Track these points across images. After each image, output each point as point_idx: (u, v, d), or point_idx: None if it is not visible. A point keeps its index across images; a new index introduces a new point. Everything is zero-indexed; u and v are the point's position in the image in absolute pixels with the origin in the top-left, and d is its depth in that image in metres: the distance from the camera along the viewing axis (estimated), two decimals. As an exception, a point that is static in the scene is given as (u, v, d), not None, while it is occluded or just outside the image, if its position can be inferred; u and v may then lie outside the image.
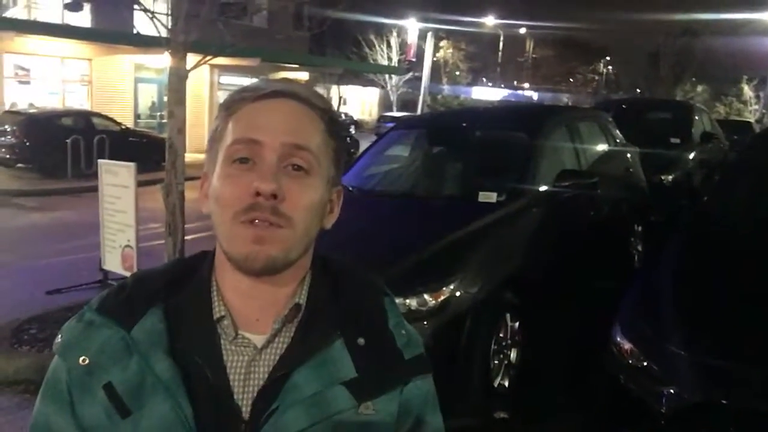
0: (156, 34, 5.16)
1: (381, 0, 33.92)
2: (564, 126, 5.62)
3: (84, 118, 15.31)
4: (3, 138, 13.86)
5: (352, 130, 29.41)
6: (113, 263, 5.79)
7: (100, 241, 5.88)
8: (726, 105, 44.83)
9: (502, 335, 3.97)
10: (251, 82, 0.91)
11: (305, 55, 26.03)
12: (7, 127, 13.84)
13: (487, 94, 50.05)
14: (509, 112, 8.69)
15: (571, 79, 62.63)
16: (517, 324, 4.12)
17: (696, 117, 10.69)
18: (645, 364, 2.84)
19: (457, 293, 3.56)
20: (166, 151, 5.03)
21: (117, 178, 5.77)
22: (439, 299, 3.49)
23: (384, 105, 41.81)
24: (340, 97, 33.81)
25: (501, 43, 56.30)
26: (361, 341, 0.89)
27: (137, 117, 21.51)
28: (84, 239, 7.58)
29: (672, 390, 2.69)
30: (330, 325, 0.89)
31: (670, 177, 8.48)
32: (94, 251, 6.18)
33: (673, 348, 2.79)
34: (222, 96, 20.42)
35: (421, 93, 29.83)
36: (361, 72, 35.26)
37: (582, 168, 5.38)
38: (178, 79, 4.97)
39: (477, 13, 44.75)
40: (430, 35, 30.18)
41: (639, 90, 42.73)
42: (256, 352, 0.87)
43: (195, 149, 12.34)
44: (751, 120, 30.55)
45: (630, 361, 2.92)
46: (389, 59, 36.66)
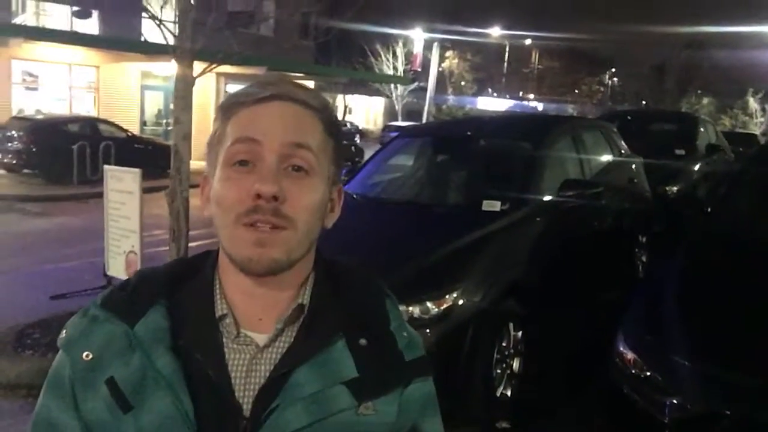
0: (163, 41, 5.20)
1: (387, 10, 34.08)
2: (568, 136, 5.62)
3: (90, 124, 15.37)
4: (10, 144, 13.93)
5: (357, 139, 29.48)
6: (117, 269, 5.80)
7: (104, 247, 5.90)
8: (731, 117, 44.78)
9: (504, 344, 3.96)
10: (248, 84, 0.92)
11: (311, 65, 26.13)
12: (14, 133, 13.90)
13: (493, 104, 50.11)
14: (513, 121, 8.70)
15: (577, 91, 62.71)
16: (520, 333, 4.10)
17: (701, 129, 10.67)
18: (648, 374, 2.83)
19: (460, 302, 3.55)
20: (171, 158, 5.05)
21: (122, 183, 5.79)
22: (442, 307, 3.48)
23: (389, 115, 41.95)
24: (345, 107, 33.96)
25: (506, 54, 56.46)
26: (363, 342, 0.90)
27: (143, 124, 21.60)
28: (88, 245, 7.60)
29: (675, 400, 2.68)
30: (332, 326, 0.90)
31: (674, 188, 8.46)
32: (98, 257, 6.19)
33: (677, 358, 2.79)
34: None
35: (426, 103, 29.96)
36: (367, 81, 35.39)
37: (586, 178, 5.38)
38: (184, 86, 5.00)
39: (483, 24, 44.90)
40: (435, 45, 30.36)
41: (644, 102, 42.79)
42: (257, 350, 0.88)
43: (200, 156, 12.25)
44: (757, 132, 30.51)
45: (633, 371, 2.91)
46: (395, 69, 36.81)
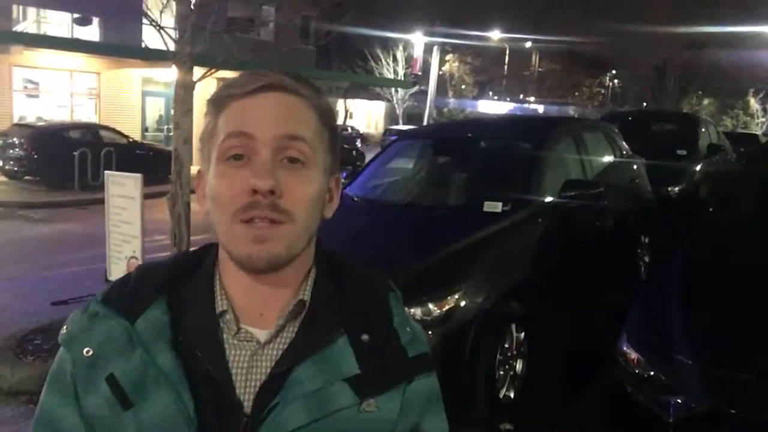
0: (164, 47, 5.20)
1: (387, 14, 34.17)
2: (569, 136, 5.61)
3: (91, 131, 15.40)
4: (11, 150, 13.97)
5: (358, 143, 29.49)
6: (119, 274, 5.77)
7: (105, 253, 5.89)
8: (732, 118, 44.79)
9: (507, 346, 3.94)
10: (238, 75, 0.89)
11: (312, 69, 26.17)
12: (16, 140, 13.95)
13: (493, 107, 50.11)
14: (514, 122, 8.69)
15: (577, 93, 62.74)
16: (523, 334, 4.09)
17: (702, 129, 10.67)
18: (652, 373, 2.83)
19: (462, 303, 3.54)
20: (172, 162, 5.06)
21: (123, 189, 5.78)
22: (444, 309, 3.47)
23: (390, 118, 41.98)
24: (346, 111, 33.95)
25: (507, 57, 56.51)
26: (365, 338, 0.88)
27: (144, 130, 21.65)
28: (90, 251, 7.60)
29: (679, 399, 2.67)
30: (334, 322, 0.88)
31: (676, 188, 8.46)
32: (99, 263, 6.18)
33: (680, 357, 2.78)
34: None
35: (427, 106, 30.00)
36: (368, 85, 35.43)
37: (588, 178, 5.37)
38: (184, 90, 5.01)
39: (483, 27, 45.01)
40: (436, 49, 30.39)
41: (645, 103, 42.79)
42: (258, 347, 0.87)
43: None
44: (758, 133, 30.49)
45: (637, 371, 2.90)
46: (395, 73, 36.84)
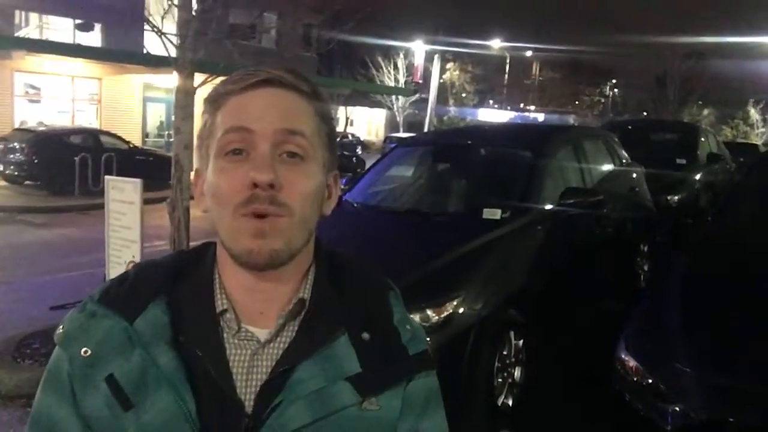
0: (165, 53, 5.22)
1: (388, 23, 34.27)
2: (569, 144, 5.62)
3: (92, 136, 15.42)
4: (12, 155, 13.99)
5: (358, 150, 29.53)
6: (118, 279, 5.78)
7: (105, 258, 5.89)
8: (733, 128, 44.84)
9: (505, 353, 3.93)
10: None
11: (313, 76, 26.25)
12: (17, 145, 13.97)
13: (494, 115, 50.19)
14: (514, 130, 8.71)
15: (578, 102, 62.86)
16: (521, 342, 4.08)
17: (702, 138, 10.70)
18: (650, 381, 2.82)
19: (461, 309, 3.53)
20: (172, 167, 5.06)
21: (123, 194, 5.78)
22: (442, 315, 3.46)
23: (391, 126, 42.03)
24: (347, 118, 34.03)
25: (507, 66, 56.63)
26: (366, 336, 0.88)
27: (145, 136, 21.69)
28: (89, 255, 7.60)
29: (678, 407, 2.66)
30: (334, 321, 0.88)
31: (676, 197, 8.47)
32: (99, 267, 6.17)
33: (679, 365, 2.77)
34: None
35: (428, 114, 30.05)
36: (369, 93, 35.49)
37: (587, 187, 5.37)
38: (185, 96, 5.02)
39: (483, 36, 45.10)
40: (436, 57, 30.47)
41: (645, 112, 42.85)
42: (259, 346, 0.86)
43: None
44: (758, 143, 30.53)
45: (635, 379, 2.89)
46: (396, 81, 36.91)
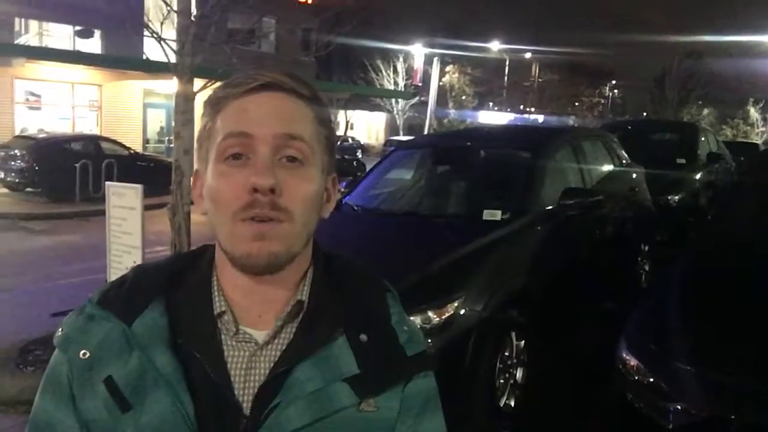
0: (165, 59, 5.23)
1: (387, 26, 34.32)
2: (568, 145, 5.62)
3: (92, 142, 15.44)
4: (13, 162, 14.00)
5: (358, 153, 29.56)
6: (119, 285, 5.78)
7: (106, 264, 5.89)
8: (733, 127, 44.86)
9: (507, 354, 3.93)
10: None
11: (312, 80, 26.22)
12: (17, 152, 13.99)
13: (493, 118, 50.21)
14: (513, 131, 8.71)
15: (577, 103, 62.88)
16: (523, 343, 4.08)
17: (702, 138, 10.69)
18: (651, 380, 2.82)
19: (462, 311, 3.53)
20: (172, 172, 5.07)
21: (124, 199, 5.79)
22: (444, 317, 3.46)
23: (390, 129, 42.10)
24: (347, 122, 34.07)
25: (507, 68, 56.71)
26: (364, 338, 0.88)
27: (146, 142, 21.74)
28: (90, 262, 7.60)
29: (679, 406, 2.66)
30: (332, 322, 0.88)
31: (676, 197, 8.47)
32: (100, 273, 6.17)
33: (680, 364, 2.77)
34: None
35: (428, 117, 30.07)
36: (368, 96, 35.55)
37: (587, 187, 5.38)
38: (184, 101, 5.03)
39: (482, 38, 45.17)
40: (436, 60, 30.51)
41: (645, 113, 42.88)
42: (257, 348, 0.86)
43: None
44: (759, 142, 30.53)
45: (636, 378, 2.89)
46: (396, 84, 36.98)
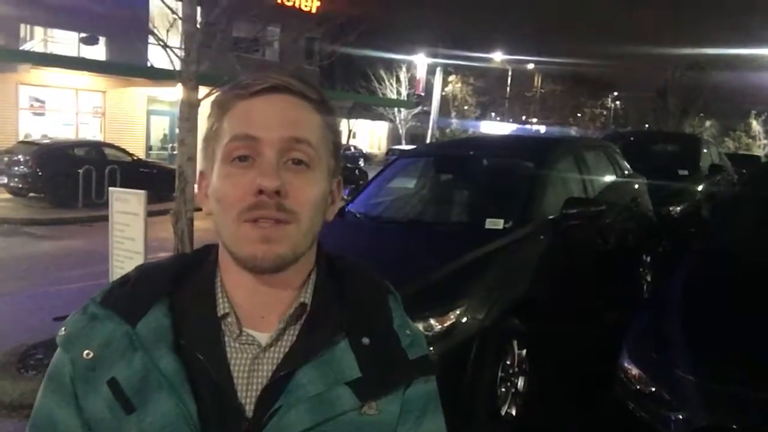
0: (169, 67, 5.27)
1: (390, 36, 34.44)
2: (571, 155, 5.64)
3: (96, 148, 15.50)
4: (16, 168, 14.04)
5: (361, 162, 29.61)
6: (121, 290, 5.78)
7: (108, 269, 5.90)
8: (735, 140, 44.90)
9: (509, 362, 3.93)
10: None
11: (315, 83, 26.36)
12: (21, 157, 14.02)
13: (496, 128, 50.31)
14: (516, 141, 8.74)
15: (579, 114, 62.93)
16: (524, 351, 4.08)
17: (704, 149, 10.69)
18: (653, 389, 2.82)
19: (464, 319, 3.54)
20: (176, 179, 5.09)
21: (127, 205, 5.80)
22: (445, 324, 3.46)
23: (393, 138, 42.16)
24: (349, 131, 34.10)
25: (509, 78, 56.80)
26: (366, 341, 0.89)
27: (149, 148, 21.80)
28: (93, 267, 7.62)
29: (680, 415, 2.66)
30: (335, 325, 0.89)
31: (678, 208, 8.46)
32: (102, 279, 6.18)
33: (682, 373, 2.77)
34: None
35: (430, 126, 30.09)
36: (371, 105, 35.63)
37: (589, 197, 5.39)
38: (189, 108, 5.06)
39: (485, 49, 45.30)
40: (438, 70, 30.55)
41: (647, 124, 42.92)
42: (260, 350, 0.87)
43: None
44: (761, 154, 30.55)
45: (638, 387, 2.89)
46: (398, 93, 37.07)
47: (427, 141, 29.22)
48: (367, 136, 43.88)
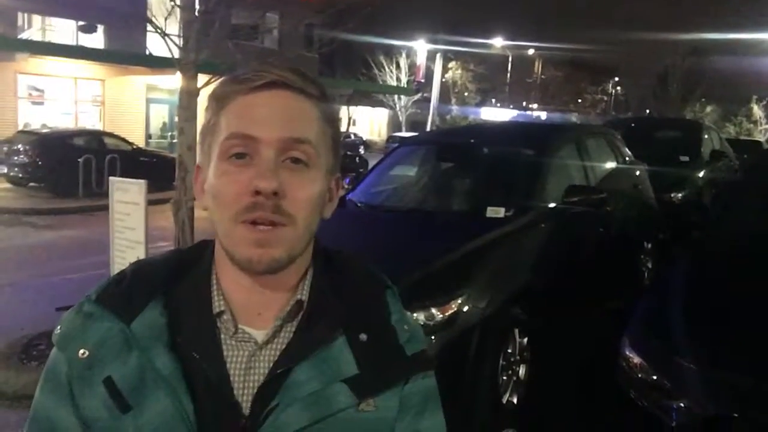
0: (168, 55, 5.24)
1: (390, 22, 34.25)
2: (572, 142, 5.62)
3: (96, 138, 15.45)
4: (16, 157, 14.01)
5: (361, 150, 29.56)
6: (122, 280, 5.79)
7: (109, 259, 5.90)
8: (736, 125, 44.77)
9: (510, 351, 3.94)
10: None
11: (315, 76, 26.28)
12: (20, 147, 13.99)
13: (496, 114, 50.20)
14: (517, 128, 8.70)
15: (580, 100, 62.76)
16: (526, 340, 4.09)
17: (705, 135, 10.65)
18: (655, 378, 2.82)
19: (465, 308, 3.54)
20: (176, 168, 5.08)
21: (127, 195, 5.79)
22: (447, 313, 3.47)
23: (393, 126, 42.07)
24: (349, 118, 34.04)
25: (509, 64, 56.58)
26: (364, 337, 0.88)
27: (149, 137, 21.76)
28: (94, 257, 7.62)
29: (682, 404, 2.66)
30: (332, 321, 0.88)
31: (679, 195, 8.44)
32: (103, 268, 6.18)
33: (683, 362, 2.77)
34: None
35: (430, 113, 30.04)
36: (371, 93, 35.52)
37: (590, 184, 5.37)
38: (188, 96, 5.04)
39: (485, 35, 45.06)
40: (438, 56, 30.46)
41: (648, 110, 42.81)
42: (256, 347, 0.86)
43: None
44: (762, 140, 30.47)
45: (640, 375, 2.89)
46: (398, 80, 36.93)
47: (428, 128, 29.18)
48: (367, 123, 43.78)
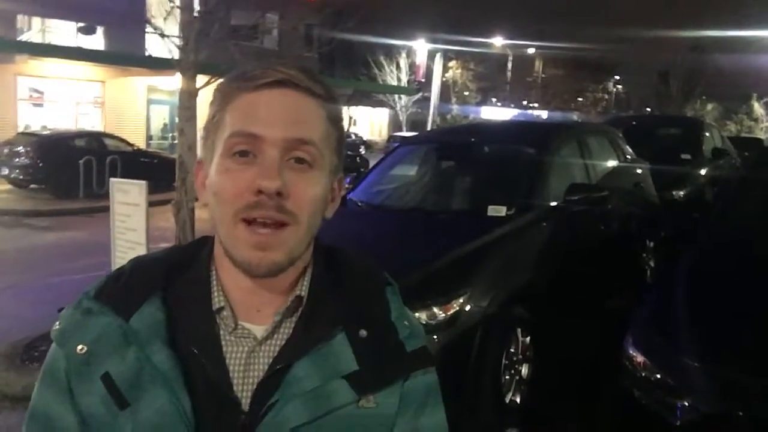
0: (168, 56, 5.24)
1: (390, 22, 34.27)
2: (573, 141, 5.61)
3: (96, 139, 15.46)
4: (17, 159, 14.01)
5: (362, 150, 29.54)
6: (124, 281, 5.77)
7: (110, 260, 5.89)
8: (737, 123, 44.75)
9: (513, 350, 3.93)
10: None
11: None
12: (21, 149, 14.00)
13: (497, 113, 50.18)
14: (518, 127, 8.69)
15: (581, 99, 62.69)
16: (528, 339, 4.08)
17: (706, 133, 10.64)
18: (658, 376, 2.81)
19: (467, 307, 3.53)
20: (176, 169, 5.08)
21: (128, 196, 5.78)
22: (449, 313, 3.46)
23: (393, 125, 42.04)
24: (350, 118, 34.05)
25: (510, 63, 56.57)
26: (363, 333, 0.87)
27: (149, 138, 21.76)
28: (95, 258, 7.60)
29: (686, 402, 2.66)
30: (332, 317, 0.87)
31: (681, 193, 8.43)
32: (104, 270, 6.13)
33: (687, 360, 2.76)
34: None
35: (431, 113, 30.01)
36: (371, 92, 35.50)
37: (592, 183, 5.36)
38: (188, 97, 5.04)
39: (486, 34, 45.10)
40: (439, 56, 30.40)
41: (649, 108, 42.80)
42: (256, 343, 0.85)
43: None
44: (763, 137, 30.44)
45: (643, 374, 2.88)
46: (398, 80, 36.91)
47: (428, 127, 29.16)
48: (368, 123, 43.75)
